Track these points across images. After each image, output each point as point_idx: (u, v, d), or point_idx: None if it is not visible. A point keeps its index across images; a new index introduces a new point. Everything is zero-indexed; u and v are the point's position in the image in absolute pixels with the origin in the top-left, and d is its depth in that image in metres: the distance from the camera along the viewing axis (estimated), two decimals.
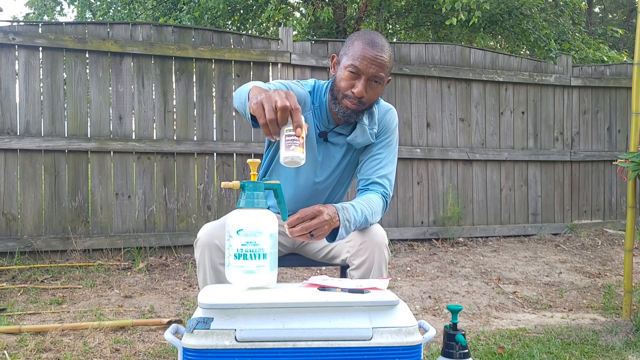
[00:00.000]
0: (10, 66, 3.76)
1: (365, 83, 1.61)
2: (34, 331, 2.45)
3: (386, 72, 1.63)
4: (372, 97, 1.65)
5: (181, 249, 4.05)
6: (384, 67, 1.61)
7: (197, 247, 1.62)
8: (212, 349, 1.15)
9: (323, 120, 1.75)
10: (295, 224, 1.42)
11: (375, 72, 1.60)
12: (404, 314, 1.23)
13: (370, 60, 1.58)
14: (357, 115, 1.68)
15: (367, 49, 1.59)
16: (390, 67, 1.65)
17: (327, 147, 1.78)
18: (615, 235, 5.14)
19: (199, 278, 1.65)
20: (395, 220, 4.69)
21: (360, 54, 1.59)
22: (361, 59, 1.59)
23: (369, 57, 1.58)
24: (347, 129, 1.76)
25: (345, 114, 1.66)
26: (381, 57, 1.60)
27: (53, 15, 11.55)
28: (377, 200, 1.68)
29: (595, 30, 12.08)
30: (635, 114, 2.76)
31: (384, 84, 1.66)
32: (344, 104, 1.64)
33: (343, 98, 1.64)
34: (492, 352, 2.32)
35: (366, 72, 1.59)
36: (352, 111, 1.65)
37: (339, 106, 1.66)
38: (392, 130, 1.80)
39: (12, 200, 3.74)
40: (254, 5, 8.16)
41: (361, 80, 1.60)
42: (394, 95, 4.73)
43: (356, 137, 1.73)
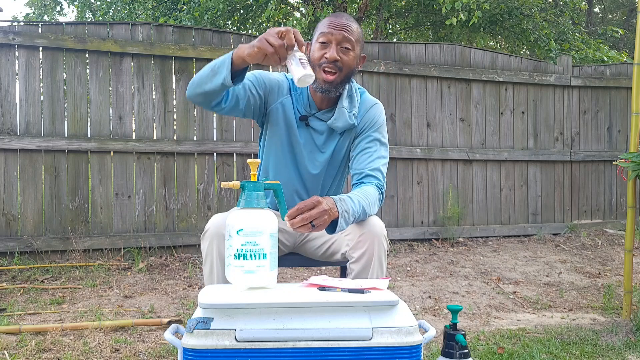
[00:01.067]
0: (10, 66, 3.76)
1: (336, 48, 1.67)
2: (34, 331, 2.45)
3: (355, 39, 1.69)
4: (346, 62, 1.69)
5: (181, 249, 4.05)
6: (351, 33, 1.68)
7: (206, 237, 1.62)
8: (212, 349, 1.15)
9: (304, 105, 1.79)
10: (295, 215, 1.42)
11: (343, 37, 1.66)
12: (404, 314, 1.23)
13: (336, 27, 1.67)
14: (336, 87, 1.71)
15: (332, 19, 1.69)
16: (359, 40, 1.72)
17: (308, 132, 1.80)
18: (615, 235, 5.14)
19: (205, 271, 1.64)
20: (395, 220, 4.69)
21: (327, 25, 1.68)
22: (327, 27, 1.67)
23: (335, 24, 1.67)
24: (328, 115, 1.79)
25: (323, 88, 1.69)
26: (347, 24, 1.68)
27: (53, 15, 11.55)
28: (373, 191, 1.70)
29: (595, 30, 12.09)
30: (635, 114, 2.76)
31: (355, 51, 1.70)
32: (320, 75, 1.68)
33: (318, 69, 1.68)
34: (492, 352, 2.32)
35: (335, 38, 1.66)
36: (330, 82, 1.68)
37: (316, 81, 1.69)
38: (380, 123, 1.83)
39: (12, 200, 3.74)
40: (254, 5, 8.16)
41: (332, 46, 1.67)
42: (394, 95, 4.73)
43: (336, 120, 1.76)
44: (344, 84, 1.73)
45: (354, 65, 1.72)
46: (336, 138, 1.82)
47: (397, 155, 4.66)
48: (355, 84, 1.83)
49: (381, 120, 1.84)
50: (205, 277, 1.65)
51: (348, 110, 1.77)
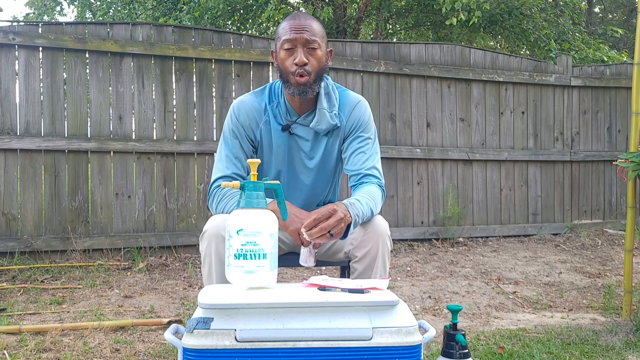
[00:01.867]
0: (10, 66, 3.76)
1: (303, 51, 1.65)
2: (34, 331, 2.45)
3: (318, 37, 1.68)
4: (315, 63, 1.68)
5: (181, 249, 4.05)
6: (313, 32, 1.66)
7: (204, 238, 1.62)
8: (212, 349, 1.15)
9: (284, 114, 1.78)
10: (312, 226, 1.44)
11: (307, 37, 1.65)
12: (404, 314, 1.23)
13: (297, 29, 1.65)
14: (312, 87, 1.69)
15: (290, 22, 1.67)
16: (323, 37, 1.70)
17: (293, 140, 1.79)
18: (615, 235, 5.14)
19: (204, 271, 1.64)
20: (395, 220, 4.69)
21: (288, 29, 1.66)
22: (289, 32, 1.65)
23: (295, 27, 1.65)
24: (309, 118, 1.77)
25: (299, 90, 1.68)
26: (307, 24, 1.66)
27: (53, 15, 11.55)
28: (376, 191, 1.72)
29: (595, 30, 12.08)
30: (635, 114, 2.76)
31: (322, 49, 1.69)
32: (293, 81, 1.67)
33: (291, 76, 1.67)
34: (492, 352, 2.32)
35: (299, 40, 1.65)
36: (304, 85, 1.67)
37: (292, 87, 1.68)
38: (367, 121, 1.82)
39: (12, 200, 3.74)
40: (254, 5, 8.16)
41: (297, 50, 1.65)
42: (394, 95, 4.73)
43: (318, 122, 1.74)
44: (318, 82, 1.72)
45: (324, 62, 1.72)
46: (322, 141, 1.80)
47: (397, 155, 4.66)
48: (331, 82, 1.82)
49: (367, 116, 1.83)
50: (204, 278, 1.66)
51: (328, 110, 1.75)
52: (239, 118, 1.77)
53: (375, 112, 4.64)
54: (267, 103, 1.79)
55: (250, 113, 1.77)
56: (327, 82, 1.79)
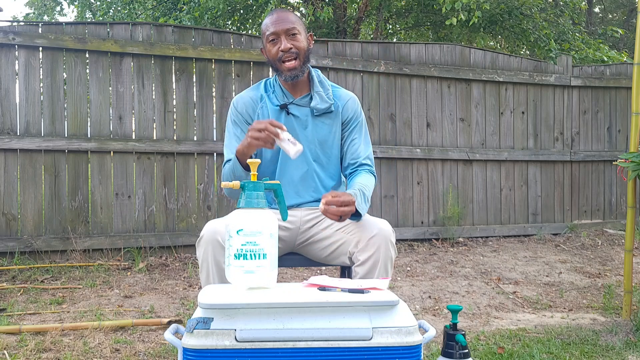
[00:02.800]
0: (10, 66, 3.76)
1: (286, 38, 1.82)
2: (34, 331, 2.45)
3: (297, 25, 1.85)
4: (299, 46, 1.84)
5: (181, 249, 4.05)
6: (290, 21, 1.84)
7: (201, 244, 1.65)
8: (212, 349, 1.15)
9: (281, 97, 1.91)
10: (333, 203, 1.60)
11: (287, 27, 1.82)
12: (404, 314, 1.23)
13: (277, 21, 1.83)
14: (301, 69, 1.85)
15: (271, 18, 1.85)
16: (301, 24, 1.88)
17: (289, 120, 1.88)
18: (615, 235, 5.14)
19: (202, 276, 1.65)
20: (395, 220, 4.69)
21: (269, 23, 1.85)
22: (271, 25, 1.84)
23: (275, 19, 1.84)
24: (304, 100, 1.91)
25: (291, 74, 1.84)
26: (284, 15, 1.85)
27: (53, 15, 11.55)
28: (371, 179, 1.89)
29: (595, 30, 12.08)
30: (635, 114, 2.76)
31: (301, 34, 1.86)
32: (283, 67, 1.84)
33: (280, 63, 1.84)
34: (492, 352, 2.32)
35: (280, 30, 1.82)
36: (294, 68, 1.83)
37: (283, 74, 1.85)
38: (359, 113, 1.98)
39: (12, 200, 3.74)
40: (254, 5, 8.15)
41: (280, 38, 1.83)
42: (394, 95, 4.73)
43: (317, 102, 1.88)
44: (306, 64, 1.88)
45: (307, 45, 1.88)
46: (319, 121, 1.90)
47: (397, 155, 4.66)
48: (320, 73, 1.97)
49: (360, 109, 2.00)
50: (202, 283, 1.67)
51: (324, 93, 1.91)
52: (237, 108, 1.92)
53: (375, 112, 4.64)
54: (263, 92, 1.93)
55: (247, 103, 1.92)
56: (318, 73, 1.96)
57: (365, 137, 1.97)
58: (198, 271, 3.80)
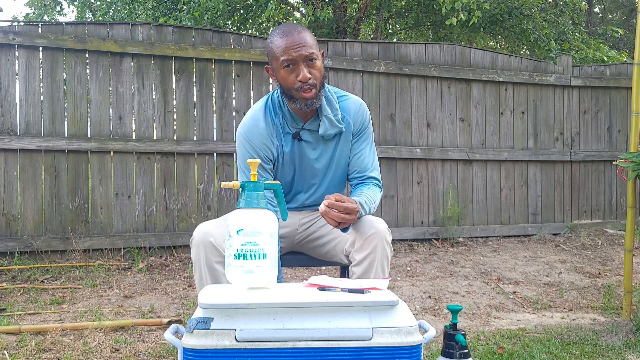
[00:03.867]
0: (10, 66, 3.76)
1: (304, 66, 1.69)
2: (34, 331, 2.45)
3: (314, 47, 1.72)
4: (317, 75, 1.72)
5: (181, 249, 4.05)
6: (309, 45, 1.70)
7: (193, 245, 1.65)
8: (212, 349, 1.15)
9: (290, 123, 1.81)
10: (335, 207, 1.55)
11: (305, 53, 1.68)
12: (404, 314, 1.23)
13: (295, 47, 1.67)
14: (318, 97, 1.74)
15: (285, 40, 1.68)
16: (315, 44, 1.74)
17: (300, 145, 1.82)
18: (615, 235, 5.14)
19: (196, 277, 1.66)
20: (395, 220, 4.69)
21: (284, 47, 1.68)
22: (286, 50, 1.68)
23: (290, 44, 1.67)
24: (315, 123, 1.82)
25: (308, 104, 1.72)
26: (301, 37, 1.69)
27: (53, 15, 11.55)
28: (378, 192, 1.84)
29: (595, 30, 12.08)
30: (635, 114, 2.76)
31: (320, 58, 1.74)
32: (300, 96, 1.71)
33: (296, 92, 1.71)
34: (492, 352, 2.32)
35: (298, 57, 1.68)
36: (311, 98, 1.71)
37: (298, 102, 1.73)
38: (367, 124, 1.90)
39: (12, 200, 3.74)
40: (254, 5, 8.15)
41: (299, 66, 1.69)
42: (394, 95, 4.73)
43: (326, 129, 1.80)
44: (322, 90, 1.77)
45: (323, 70, 1.77)
46: (329, 144, 1.84)
47: (397, 155, 4.66)
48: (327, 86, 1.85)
49: (368, 118, 1.92)
50: (196, 283, 1.68)
51: (333, 115, 1.81)
52: (253, 143, 1.79)
53: (375, 112, 4.64)
54: (272, 117, 1.81)
55: (263, 134, 1.79)
56: (327, 90, 1.84)
57: (372, 145, 1.91)
58: None
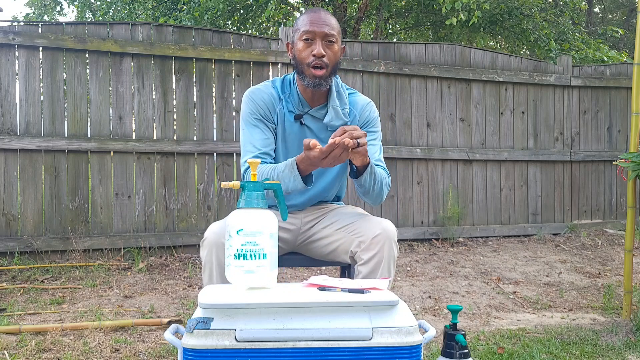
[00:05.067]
0: (10, 66, 3.76)
1: (321, 43, 1.72)
2: (34, 331, 2.45)
3: (336, 32, 1.75)
4: (331, 57, 1.74)
5: (181, 249, 4.05)
6: (332, 27, 1.74)
7: (205, 246, 1.63)
8: (212, 349, 1.15)
9: (296, 104, 1.82)
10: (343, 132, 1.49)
11: (327, 31, 1.72)
12: (404, 314, 1.23)
13: (318, 23, 1.72)
14: (327, 80, 1.75)
15: (312, 16, 1.74)
16: (340, 33, 1.77)
17: (302, 130, 1.82)
18: (615, 235, 5.14)
19: (205, 277, 1.65)
20: (395, 220, 4.68)
21: (309, 21, 1.73)
22: (310, 24, 1.72)
23: (316, 20, 1.72)
24: (321, 112, 1.82)
25: (314, 82, 1.73)
26: (327, 18, 1.74)
27: (53, 15, 11.56)
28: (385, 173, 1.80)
29: (595, 30, 12.08)
30: (635, 114, 2.76)
31: (338, 44, 1.77)
32: (309, 73, 1.73)
33: (308, 67, 1.73)
34: (492, 352, 2.32)
35: (319, 33, 1.72)
36: (320, 77, 1.73)
37: (306, 79, 1.74)
38: (373, 120, 1.92)
39: (12, 200, 3.74)
40: (254, 5, 8.16)
41: (317, 42, 1.72)
42: (394, 95, 4.73)
43: (331, 119, 1.80)
44: (332, 76, 1.78)
45: (339, 57, 1.79)
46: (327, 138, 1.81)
47: (397, 155, 4.66)
48: (341, 82, 1.88)
49: (376, 115, 1.95)
50: (204, 283, 1.66)
51: (340, 107, 1.82)
52: (257, 102, 1.80)
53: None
54: (280, 92, 1.83)
55: (267, 100, 1.81)
56: (337, 81, 1.85)
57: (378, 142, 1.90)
58: (198, 271, 3.81)
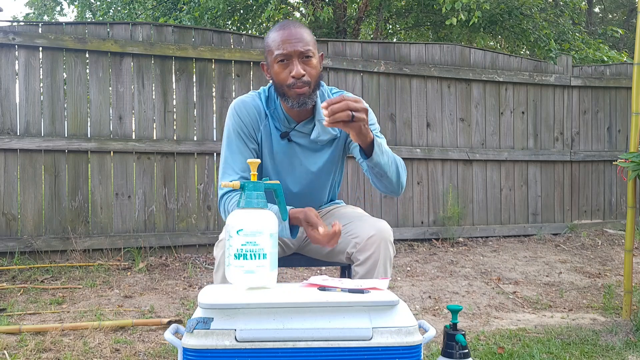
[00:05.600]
0: (10, 66, 3.76)
1: (298, 62, 1.62)
2: (34, 331, 2.45)
3: (312, 45, 1.64)
4: (312, 73, 1.65)
5: (181, 249, 4.05)
6: (305, 41, 1.62)
7: (219, 246, 1.64)
8: (212, 349, 1.15)
9: (282, 122, 1.75)
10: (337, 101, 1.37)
11: (301, 49, 1.61)
12: (404, 314, 1.23)
13: (290, 41, 1.61)
14: (311, 97, 1.67)
15: (282, 34, 1.63)
16: (313, 42, 1.66)
17: (292, 148, 1.77)
18: (615, 235, 5.14)
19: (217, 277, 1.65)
20: (395, 220, 4.69)
21: (280, 41, 1.62)
22: (282, 44, 1.61)
23: (287, 39, 1.61)
24: (308, 126, 1.75)
25: (300, 101, 1.65)
26: (299, 33, 1.62)
27: (53, 15, 11.55)
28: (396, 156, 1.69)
29: (595, 30, 12.08)
30: (635, 114, 2.76)
31: (316, 56, 1.66)
32: (292, 93, 1.64)
33: (288, 89, 1.64)
34: (492, 352, 2.32)
35: (294, 52, 1.61)
36: (304, 96, 1.64)
37: (290, 100, 1.66)
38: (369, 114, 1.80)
39: (12, 200, 3.74)
40: (254, 5, 8.15)
41: (293, 62, 1.62)
42: (394, 95, 4.73)
43: (319, 134, 1.73)
44: (316, 91, 1.70)
45: (319, 69, 1.69)
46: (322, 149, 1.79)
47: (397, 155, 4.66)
48: (326, 87, 1.80)
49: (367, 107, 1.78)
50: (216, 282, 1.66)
51: None
52: (242, 117, 1.74)
53: (376, 112, 4.64)
54: (265, 107, 1.76)
55: (252, 113, 1.75)
56: (322, 90, 1.77)
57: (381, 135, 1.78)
58: (198, 271, 3.81)
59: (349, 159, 4.48)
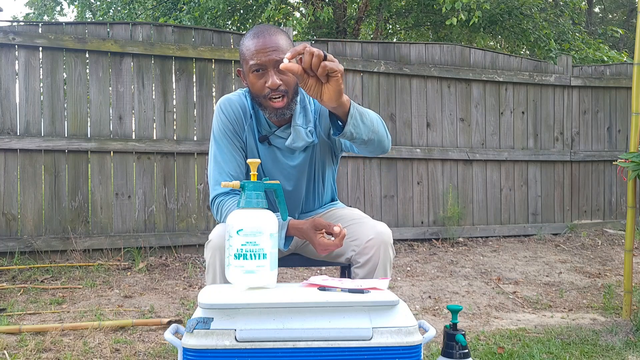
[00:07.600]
0: (10, 66, 3.76)
1: (274, 72, 1.55)
2: (34, 331, 2.45)
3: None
4: (289, 81, 1.58)
5: (181, 249, 4.05)
6: (281, 49, 1.56)
7: (209, 248, 1.61)
8: (212, 349, 1.15)
9: (263, 125, 1.72)
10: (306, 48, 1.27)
11: (277, 57, 1.54)
12: (404, 314, 1.23)
13: (265, 50, 1.54)
14: (289, 107, 1.61)
15: (256, 42, 1.56)
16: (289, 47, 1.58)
17: (272, 152, 1.74)
18: (615, 235, 5.14)
19: (208, 279, 1.64)
20: (395, 220, 4.69)
21: (255, 50, 1.55)
22: (257, 54, 1.55)
23: (262, 48, 1.55)
24: (287, 131, 1.71)
25: (277, 113, 1.61)
26: (274, 41, 1.56)
27: (53, 15, 11.55)
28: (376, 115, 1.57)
29: (595, 30, 12.08)
30: (635, 114, 2.76)
31: None
32: (268, 105, 1.60)
33: (265, 100, 1.59)
34: (492, 352, 2.32)
35: (268, 62, 1.55)
36: (281, 108, 1.59)
37: (267, 111, 1.62)
38: None
39: (12, 200, 3.74)
40: (254, 5, 8.16)
41: (269, 72, 1.56)
42: (394, 95, 4.73)
43: (293, 141, 1.68)
44: (295, 98, 1.63)
45: None
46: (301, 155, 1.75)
47: (397, 155, 4.66)
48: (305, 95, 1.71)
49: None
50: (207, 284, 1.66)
51: (304, 126, 1.68)
52: (228, 116, 1.70)
53: (376, 112, 4.62)
54: (250, 108, 1.72)
55: (237, 112, 1.71)
56: (302, 94, 1.70)
57: None
58: (198, 271, 3.81)
59: (349, 159, 4.48)
